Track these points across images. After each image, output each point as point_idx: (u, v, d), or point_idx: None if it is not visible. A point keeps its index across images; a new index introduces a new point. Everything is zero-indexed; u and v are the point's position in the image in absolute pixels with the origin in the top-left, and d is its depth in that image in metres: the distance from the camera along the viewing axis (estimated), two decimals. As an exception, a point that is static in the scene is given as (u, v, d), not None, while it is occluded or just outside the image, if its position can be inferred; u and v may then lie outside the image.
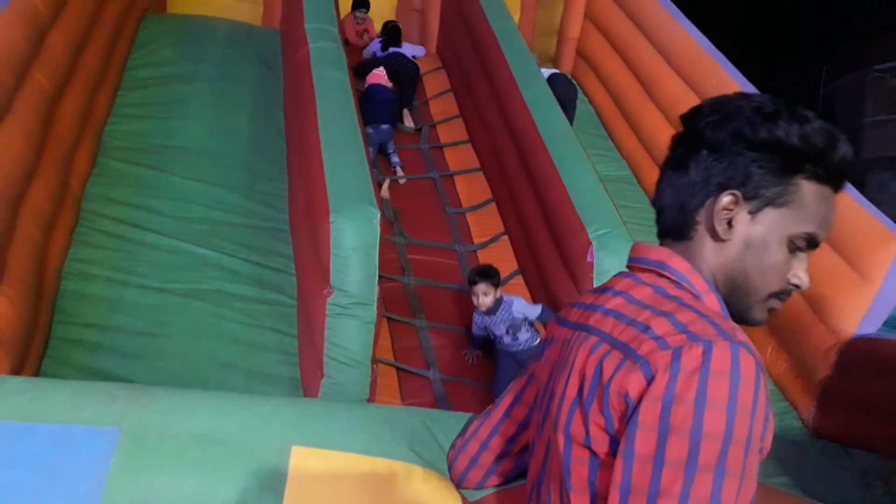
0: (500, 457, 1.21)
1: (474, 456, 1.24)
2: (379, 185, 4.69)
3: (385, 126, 4.90)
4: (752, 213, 0.93)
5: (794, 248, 0.93)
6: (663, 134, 4.84)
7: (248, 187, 3.94)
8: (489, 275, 3.39)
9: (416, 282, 4.00)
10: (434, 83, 5.81)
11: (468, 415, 1.38)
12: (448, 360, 3.60)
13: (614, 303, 0.96)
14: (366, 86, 5.13)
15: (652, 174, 4.92)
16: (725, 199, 0.93)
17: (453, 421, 1.37)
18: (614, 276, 1.05)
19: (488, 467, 1.23)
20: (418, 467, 1.25)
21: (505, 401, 1.21)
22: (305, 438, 1.24)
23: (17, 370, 2.50)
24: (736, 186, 0.93)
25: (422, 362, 3.54)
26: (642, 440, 0.82)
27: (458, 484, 1.28)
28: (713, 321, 0.86)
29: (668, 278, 0.96)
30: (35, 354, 2.78)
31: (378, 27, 6.02)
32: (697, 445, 0.79)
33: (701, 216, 0.96)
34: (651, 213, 1.08)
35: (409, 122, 5.37)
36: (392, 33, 5.75)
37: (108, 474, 1.14)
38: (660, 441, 0.81)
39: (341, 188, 2.87)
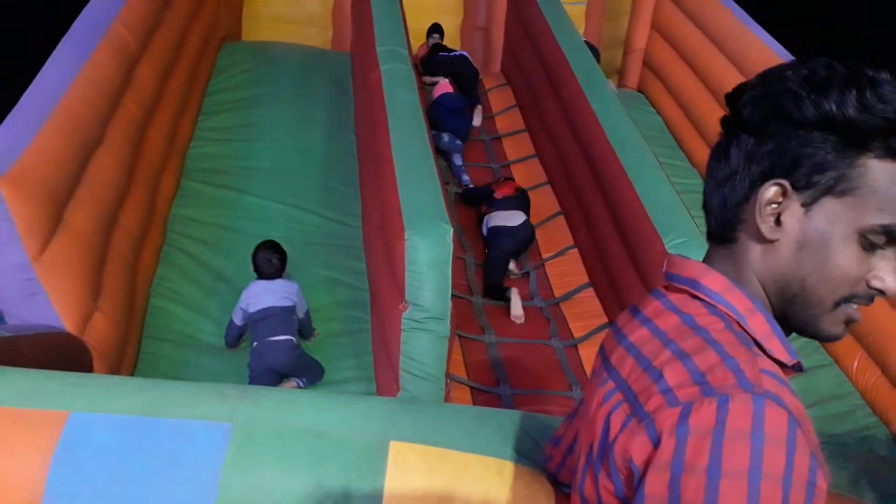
0: None
1: (564, 455, 1.20)
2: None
3: (458, 141, 5.07)
4: (807, 205, 0.76)
5: (869, 245, 0.76)
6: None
7: (323, 207, 4.06)
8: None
9: (483, 301, 4.03)
10: (499, 99, 5.87)
11: (552, 418, 1.39)
12: (518, 373, 3.58)
13: (638, 335, 0.84)
14: (434, 97, 5.30)
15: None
16: (770, 190, 0.77)
17: (539, 423, 1.39)
18: (652, 293, 0.90)
19: (575, 470, 1.17)
20: (510, 463, 1.28)
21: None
22: (402, 434, 1.29)
23: (114, 382, 2.63)
24: (782, 174, 0.76)
25: (492, 378, 3.55)
26: None
27: (555, 478, 1.28)
28: (738, 365, 0.71)
29: (702, 300, 0.81)
30: (127, 368, 2.92)
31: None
32: None
33: (745, 213, 0.80)
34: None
35: (478, 119, 5.46)
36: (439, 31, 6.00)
37: (223, 465, 1.22)
38: None
39: (415, 206, 2.94)
